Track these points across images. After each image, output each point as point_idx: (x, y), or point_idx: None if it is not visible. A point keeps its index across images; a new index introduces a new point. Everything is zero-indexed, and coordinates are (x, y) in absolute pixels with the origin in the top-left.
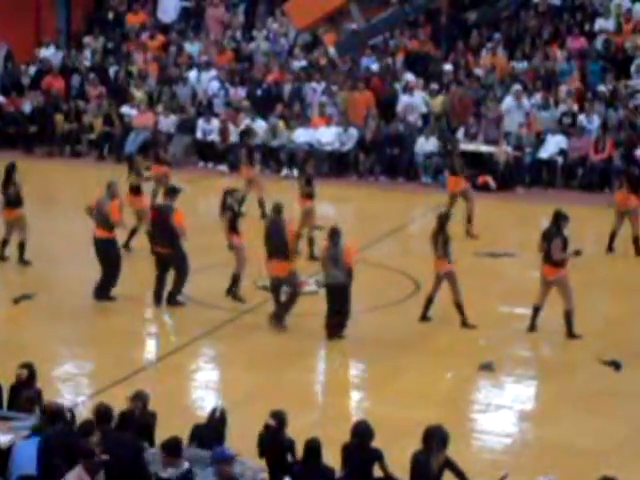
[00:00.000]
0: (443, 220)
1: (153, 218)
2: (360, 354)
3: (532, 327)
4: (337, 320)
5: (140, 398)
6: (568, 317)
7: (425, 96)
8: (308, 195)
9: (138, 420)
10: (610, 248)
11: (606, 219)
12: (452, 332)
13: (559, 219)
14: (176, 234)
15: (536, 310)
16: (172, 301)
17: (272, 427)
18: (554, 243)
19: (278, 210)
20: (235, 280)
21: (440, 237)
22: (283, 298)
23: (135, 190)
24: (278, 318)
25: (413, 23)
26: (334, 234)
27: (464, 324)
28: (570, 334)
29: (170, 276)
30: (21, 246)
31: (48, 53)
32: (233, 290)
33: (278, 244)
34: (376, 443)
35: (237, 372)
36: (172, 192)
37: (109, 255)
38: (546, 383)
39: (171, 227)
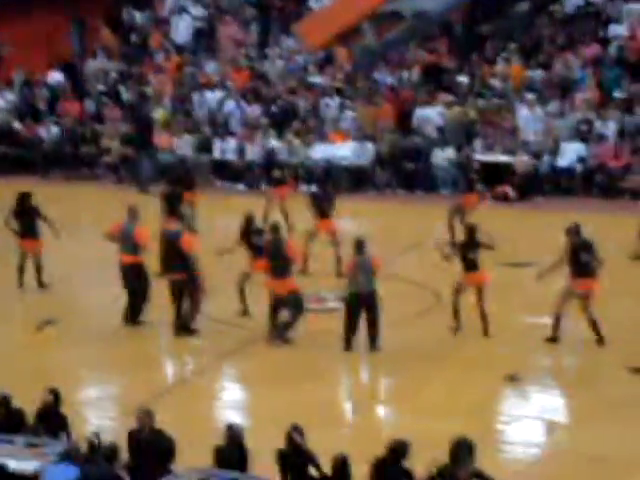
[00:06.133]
0: (474, 231)
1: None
2: (383, 368)
3: (554, 337)
4: (370, 332)
5: (147, 415)
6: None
7: (441, 108)
8: (325, 214)
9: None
10: (638, 256)
11: (627, 225)
12: (477, 343)
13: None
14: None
15: (558, 319)
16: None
17: (294, 441)
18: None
19: (276, 230)
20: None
21: (477, 248)
22: (283, 319)
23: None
24: (279, 335)
25: (428, 36)
26: (360, 244)
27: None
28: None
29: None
30: (38, 270)
31: (59, 77)
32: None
33: (278, 263)
34: None
35: (262, 391)
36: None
37: (139, 279)
38: (572, 392)
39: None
